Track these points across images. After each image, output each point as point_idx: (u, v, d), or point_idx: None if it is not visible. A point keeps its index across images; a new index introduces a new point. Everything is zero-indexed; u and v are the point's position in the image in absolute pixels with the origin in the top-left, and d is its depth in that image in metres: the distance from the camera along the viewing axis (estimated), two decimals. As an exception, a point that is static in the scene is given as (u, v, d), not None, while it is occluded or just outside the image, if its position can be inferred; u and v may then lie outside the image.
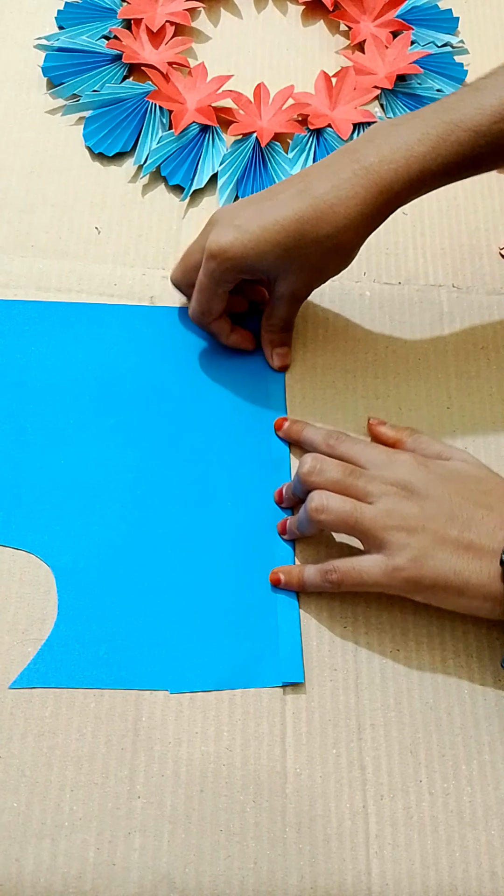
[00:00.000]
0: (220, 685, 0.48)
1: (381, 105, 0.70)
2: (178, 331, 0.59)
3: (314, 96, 0.69)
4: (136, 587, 0.50)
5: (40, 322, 0.58)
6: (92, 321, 0.59)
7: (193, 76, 0.69)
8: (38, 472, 0.53)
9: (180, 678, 0.48)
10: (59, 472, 0.53)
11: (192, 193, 0.65)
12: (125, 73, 0.70)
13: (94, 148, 0.66)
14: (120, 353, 0.58)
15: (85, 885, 0.43)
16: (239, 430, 0.56)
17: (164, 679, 0.48)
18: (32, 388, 0.56)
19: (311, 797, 0.46)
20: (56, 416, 0.55)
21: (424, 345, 0.60)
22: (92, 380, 0.57)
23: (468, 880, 0.44)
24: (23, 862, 0.43)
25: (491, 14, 0.77)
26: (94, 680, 0.48)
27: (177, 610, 0.50)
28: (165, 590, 0.50)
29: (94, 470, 0.54)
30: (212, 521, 0.53)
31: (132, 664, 0.48)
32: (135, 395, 0.56)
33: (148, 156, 0.66)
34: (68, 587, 0.50)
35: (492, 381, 0.59)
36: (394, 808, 0.45)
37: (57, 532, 0.52)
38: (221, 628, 0.50)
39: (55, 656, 0.48)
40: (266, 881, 0.43)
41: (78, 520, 0.52)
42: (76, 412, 0.55)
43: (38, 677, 0.48)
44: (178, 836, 0.44)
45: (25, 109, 0.68)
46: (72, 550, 0.51)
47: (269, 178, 0.66)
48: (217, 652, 0.49)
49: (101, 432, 0.55)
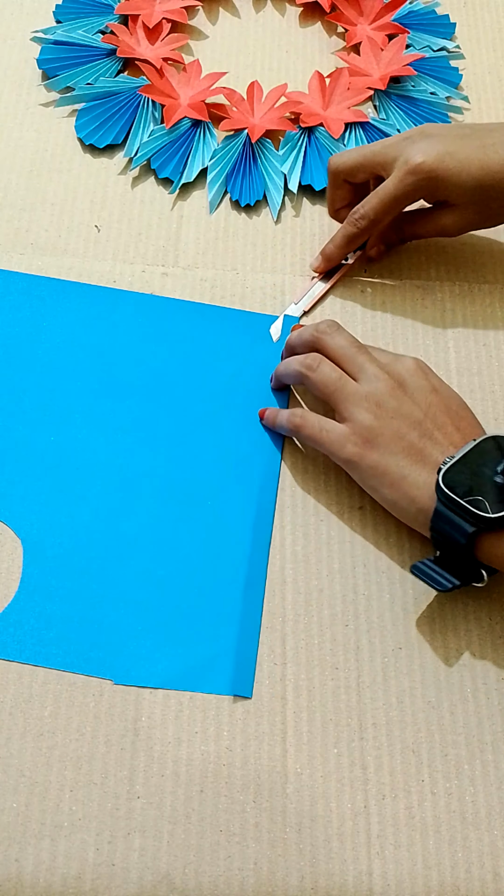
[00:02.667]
0: (166, 684, 0.48)
1: (375, 106, 0.71)
2: (179, 321, 0.59)
3: (307, 95, 0.70)
4: (101, 572, 0.50)
5: (41, 297, 0.59)
6: (93, 302, 0.59)
7: (188, 72, 0.69)
8: (23, 443, 0.54)
9: (128, 670, 0.48)
10: (44, 447, 0.54)
11: (181, 187, 0.65)
12: (119, 68, 0.70)
13: (86, 139, 0.66)
14: (121, 337, 0.58)
15: (84, 886, 0.42)
16: (234, 426, 0.56)
17: (112, 668, 0.48)
18: (29, 363, 0.57)
19: (312, 797, 0.45)
20: (50, 392, 0.56)
21: (426, 341, 0.60)
22: (90, 361, 0.57)
23: (471, 881, 0.44)
24: (22, 862, 0.43)
25: (488, 19, 0.77)
26: (43, 658, 0.48)
27: (137, 601, 0.50)
28: (130, 579, 0.50)
29: (80, 449, 0.54)
30: (189, 518, 0.52)
31: (83, 648, 0.48)
32: (132, 381, 0.57)
33: (139, 149, 0.66)
34: (34, 561, 0.50)
35: (494, 377, 0.59)
36: (395, 808, 0.45)
37: (31, 505, 0.52)
38: (178, 627, 0.49)
39: (8, 629, 0.48)
40: (266, 882, 0.43)
41: (55, 496, 0.52)
42: (71, 392, 0.56)
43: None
44: (178, 837, 0.44)
45: (26, 109, 0.68)
46: (43, 525, 0.51)
47: (259, 174, 0.66)
48: (169, 650, 0.49)
49: (93, 414, 0.55)
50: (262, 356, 0.58)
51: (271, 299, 0.61)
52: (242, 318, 0.60)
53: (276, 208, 0.65)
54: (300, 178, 0.66)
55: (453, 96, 0.72)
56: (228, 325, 0.59)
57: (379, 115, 0.70)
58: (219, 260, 0.62)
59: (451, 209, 0.58)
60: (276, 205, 0.65)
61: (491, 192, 0.56)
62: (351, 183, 0.60)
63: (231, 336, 0.59)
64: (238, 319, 0.60)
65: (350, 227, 0.59)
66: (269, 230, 0.64)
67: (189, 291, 0.60)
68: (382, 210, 0.57)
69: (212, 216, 0.64)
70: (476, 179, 0.55)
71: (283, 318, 0.60)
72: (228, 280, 0.61)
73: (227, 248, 0.63)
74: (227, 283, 0.61)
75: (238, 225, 0.64)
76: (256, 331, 0.59)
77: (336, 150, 0.67)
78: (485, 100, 0.73)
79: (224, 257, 0.62)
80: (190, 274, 0.61)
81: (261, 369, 0.58)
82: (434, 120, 0.70)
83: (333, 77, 0.70)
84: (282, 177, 0.66)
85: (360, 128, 0.69)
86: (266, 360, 0.58)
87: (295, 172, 0.66)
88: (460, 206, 0.57)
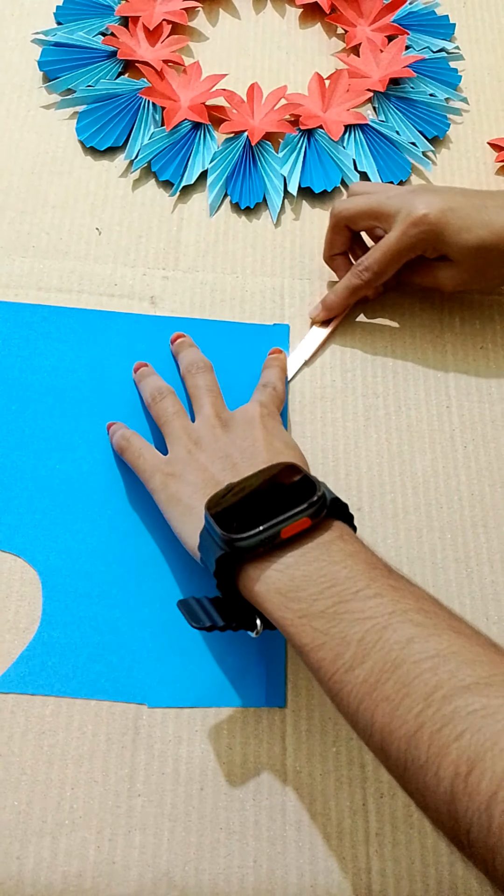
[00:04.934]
0: (200, 702, 0.47)
1: (374, 108, 0.71)
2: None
3: (307, 97, 0.70)
4: (121, 598, 0.50)
5: (40, 325, 0.58)
6: (91, 327, 0.58)
7: (188, 74, 0.69)
8: (31, 475, 0.53)
9: (160, 692, 0.47)
10: (51, 478, 0.53)
11: (181, 190, 0.65)
12: (120, 70, 0.70)
13: (86, 142, 0.66)
14: (118, 360, 0.57)
15: (85, 883, 0.43)
16: None
17: (143, 692, 0.47)
18: (29, 393, 0.56)
19: (311, 795, 0.46)
20: (53, 421, 0.55)
21: (424, 344, 0.60)
22: (92, 386, 0.56)
23: (468, 879, 0.44)
24: (23, 860, 0.43)
25: (488, 20, 0.77)
26: (73, 689, 0.47)
27: (161, 622, 0.49)
28: (152, 601, 0.50)
29: (88, 477, 0.53)
30: None
31: (111, 676, 0.48)
32: (133, 403, 0.56)
33: (139, 151, 0.66)
34: (54, 593, 0.50)
35: (491, 380, 0.59)
36: (394, 805, 0.46)
37: (45, 537, 0.51)
38: (206, 644, 0.49)
39: (35, 663, 0.48)
40: (266, 879, 0.44)
41: (68, 526, 0.52)
42: (74, 419, 0.55)
43: (16, 683, 0.47)
44: (178, 834, 0.44)
45: (27, 111, 0.68)
46: (59, 556, 0.51)
47: (259, 176, 0.66)
48: (199, 668, 0.48)
49: (98, 440, 0.54)
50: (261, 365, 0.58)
51: (270, 302, 0.61)
52: (239, 331, 0.59)
53: (275, 211, 0.65)
54: (300, 180, 0.66)
55: (452, 98, 0.72)
56: (225, 338, 0.59)
57: (378, 116, 0.71)
58: (219, 263, 0.62)
59: (449, 265, 0.57)
60: (276, 207, 0.65)
61: (490, 255, 0.55)
62: (350, 230, 0.60)
63: (229, 350, 0.58)
64: (234, 332, 0.59)
65: (354, 278, 0.59)
66: (268, 233, 0.64)
67: (189, 295, 0.61)
68: (385, 262, 0.57)
69: (212, 219, 0.64)
70: (478, 239, 0.55)
71: None
72: (228, 283, 0.61)
73: (227, 250, 0.63)
74: (226, 287, 0.61)
75: (238, 227, 0.64)
76: (254, 342, 0.59)
77: (336, 152, 0.67)
78: (484, 101, 0.73)
79: (224, 260, 0.62)
80: (190, 277, 0.61)
81: None
82: (434, 120, 0.70)
83: (333, 79, 0.70)
84: (281, 179, 0.66)
85: (359, 130, 0.69)
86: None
87: (294, 175, 0.66)
88: (459, 263, 0.57)
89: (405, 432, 0.57)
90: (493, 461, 0.56)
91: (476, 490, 0.55)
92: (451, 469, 0.56)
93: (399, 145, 0.69)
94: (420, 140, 0.69)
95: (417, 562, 0.52)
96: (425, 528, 0.53)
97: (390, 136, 0.69)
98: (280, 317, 0.60)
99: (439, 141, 0.70)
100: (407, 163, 0.68)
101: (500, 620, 0.51)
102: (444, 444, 0.57)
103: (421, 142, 0.69)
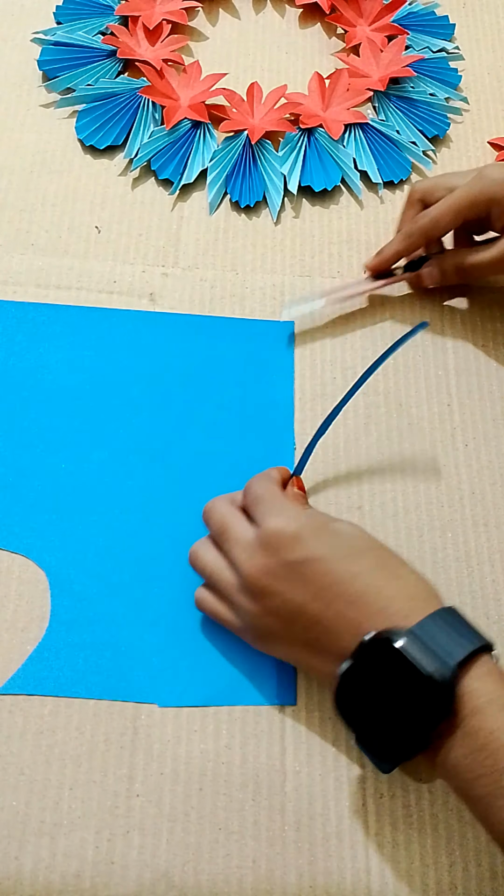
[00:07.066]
0: (211, 700, 0.47)
1: (374, 107, 0.71)
2: (180, 336, 0.58)
3: (307, 97, 0.70)
4: (130, 597, 0.50)
5: (41, 324, 0.58)
6: (93, 324, 0.58)
7: (188, 73, 0.69)
8: (36, 475, 0.53)
9: (170, 692, 0.47)
10: (57, 476, 0.53)
11: (181, 188, 0.65)
12: (120, 69, 0.70)
13: (86, 141, 0.66)
14: (121, 358, 0.57)
15: (84, 884, 0.43)
16: (243, 436, 0.55)
17: (154, 692, 0.47)
18: (32, 391, 0.55)
19: (311, 795, 0.45)
20: (56, 420, 0.54)
21: (425, 342, 0.60)
22: (93, 384, 0.56)
23: (468, 879, 0.44)
24: (22, 860, 0.43)
25: (488, 20, 0.77)
26: (83, 690, 0.47)
27: (170, 621, 0.49)
28: (161, 600, 0.50)
29: (93, 475, 0.53)
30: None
31: (121, 675, 0.47)
32: (136, 400, 0.56)
33: (139, 150, 0.66)
34: (62, 593, 0.49)
35: (492, 378, 0.59)
36: (393, 806, 0.45)
37: (52, 536, 0.51)
38: (215, 643, 0.49)
39: (45, 663, 0.47)
40: (265, 880, 0.43)
41: (74, 525, 0.51)
42: (77, 417, 0.55)
43: (26, 684, 0.47)
44: (177, 835, 0.44)
45: (27, 110, 0.68)
46: (67, 556, 0.50)
47: (259, 175, 0.66)
48: (209, 667, 0.48)
49: (102, 438, 0.54)
50: (265, 363, 0.58)
51: (271, 300, 0.61)
52: (242, 327, 0.59)
53: (275, 209, 0.65)
54: (300, 179, 0.66)
55: (452, 97, 0.72)
56: (228, 334, 0.59)
57: (378, 116, 0.70)
58: (218, 261, 0.62)
59: (498, 245, 0.57)
60: (276, 206, 0.65)
61: None
62: (424, 204, 0.59)
63: (233, 346, 0.58)
64: (237, 328, 0.59)
65: (411, 224, 0.58)
66: (268, 231, 0.64)
67: (189, 292, 0.60)
68: (444, 210, 0.57)
69: (212, 217, 0.64)
70: None
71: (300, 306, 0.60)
72: (228, 281, 0.61)
73: (227, 248, 0.63)
74: (226, 284, 0.61)
75: (238, 226, 0.64)
76: (258, 338, 0.59)
77: (336, 151, 0.67)
78: (484, 101, 0.73)
79: (224, 258, 0.62)
80: (190, 274, 0.61)
81: (266, 376, 0.57)
82: (434, 119, 0.70)
83: (333, 78, 0.70)
84: (281, 178, 0.66)
85: (359, 129, 0.69)
86: (270, 366, 0.58)
87: (294, 173, 0.66)
88: None
89: (406, 430, 0.57)
90: (495, 459, 0.55)
91: (477, 488, 0.55)
92: (452, 467, 0.55)
93: (399, 144, 0.69)
94: (420, 139, 0.69)
95: (418, 561, 0.52)
96: (426, 526, 0.53)
97: (390, 136, 0.69)
98: (280, 314, 0.60)
99: (439, 140, 0.70)
100: (407, 162, 0.68)
101: (501, 620, 0.51)
102: (446, 442, 0.56)
103: (421, 141, 0.69)
